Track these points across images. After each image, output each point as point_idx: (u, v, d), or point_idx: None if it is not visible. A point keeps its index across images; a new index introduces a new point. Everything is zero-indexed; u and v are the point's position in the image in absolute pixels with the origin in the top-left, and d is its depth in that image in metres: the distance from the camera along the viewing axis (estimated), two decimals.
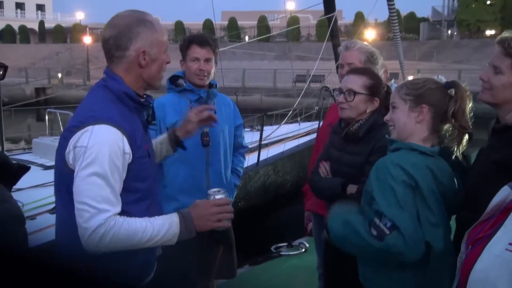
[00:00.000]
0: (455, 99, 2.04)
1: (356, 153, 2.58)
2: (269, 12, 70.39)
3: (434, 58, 36.86)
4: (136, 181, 1.88)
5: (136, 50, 1.88)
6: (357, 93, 2.57)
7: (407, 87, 2.10)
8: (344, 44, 3.17)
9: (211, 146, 3.06)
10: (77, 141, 1.78)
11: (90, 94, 1.94)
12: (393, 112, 2.14)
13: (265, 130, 6.76)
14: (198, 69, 3.02)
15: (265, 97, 29.39)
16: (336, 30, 8.42)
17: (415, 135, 2.08)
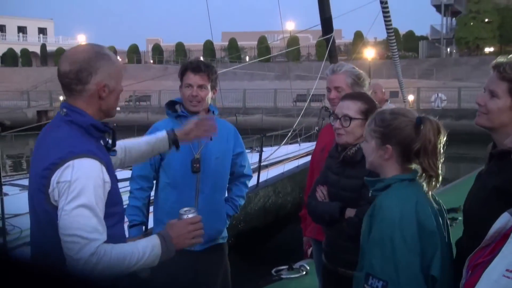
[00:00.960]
0: (419, 138, 1.99)
1: (354, 176, 2.57)
2: (269, 33, 70.86)
3: (433, 76, 37.04)
4: (114, 205, 1.95)
5: (96, 83, 1.94)
6: (353, 119, 2.59)
7: (375, 123, 2.08)
8: (330, 68, 3.19)
9: (202, 173, 3.06)
10: (60, 177, 1.81)
11: (57, 130, 1.96)
12: (365, 144, 2.15)
13: (265, 151, 6.76)
14: (191, 95, 3.04)
15: (266, 117, 29.47)
16: (334, 50, 8.48)
17: (387, 170, 2.07)
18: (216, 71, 3.15)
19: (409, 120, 2.03)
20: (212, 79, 3.08)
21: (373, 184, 2.10)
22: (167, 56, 56.72)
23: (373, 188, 2.10)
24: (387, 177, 2.06)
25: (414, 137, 2.00)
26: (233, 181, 3.39)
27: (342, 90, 3.05)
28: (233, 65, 45.40)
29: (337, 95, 3.06)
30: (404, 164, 2.05)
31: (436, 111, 27.03)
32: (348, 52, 49.71)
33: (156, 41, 73.22)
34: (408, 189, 2.01)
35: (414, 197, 1.98)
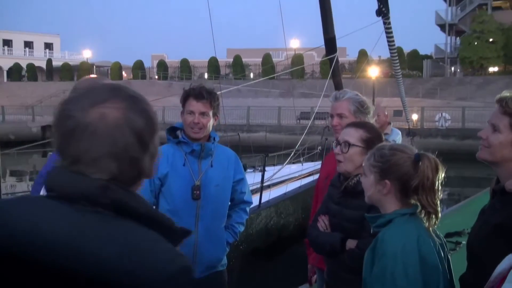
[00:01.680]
0: (417, 175, 1.99)
1: (355, 207, 2.54)
2: (274, 50, 71.22)
3: (437, 95, 37.08)
4: None
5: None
6: (351, 145, 2.57)
7: (375, 158, 2.08)
8: (333, 95, 3.18)
9: (202, 200, 3.03)
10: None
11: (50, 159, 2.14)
12: (363, 178, 2.15)
13: (268, 171, 6.72)
14: (192, 122, 3.02)
15: (270, 134, 29.49)
16: (338, 70, 8.48)
17: (386, 205, 2.07)
18: (218, 98, 3.14)
19: (408, 157, 2.03)
20: (214, 106, 3.07)
21: (374, 220, 2.09)
22: (172, 72, 57.01)
23: (374, 225, 2.09)
24: (388, 212, 2.05)
25: (412, 174, 2.00)
26: (233, 208, 3.36)
27: (344, 117, 3.04)
28: (238, 82, 45.69)
29: (339, 122, 3.05)
30: (403, 199, 2.05)
31: (440, 131, 27.02)
32: (352, 70, 49.87)
33: (161, 57, 73.68)
34: (410, 224, 2.00)
35: (415, 232, 1.97)
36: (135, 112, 1.16)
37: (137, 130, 1.15)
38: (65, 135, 1.13)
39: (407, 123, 11.05)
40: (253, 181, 6.95)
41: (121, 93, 1.18)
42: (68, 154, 1.14)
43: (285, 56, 67.97)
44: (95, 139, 1.12)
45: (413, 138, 9.81)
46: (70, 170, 1.14)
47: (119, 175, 1.14)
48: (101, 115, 1.12)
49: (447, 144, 25.82)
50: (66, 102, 1.17)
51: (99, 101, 1.14)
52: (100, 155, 1.12)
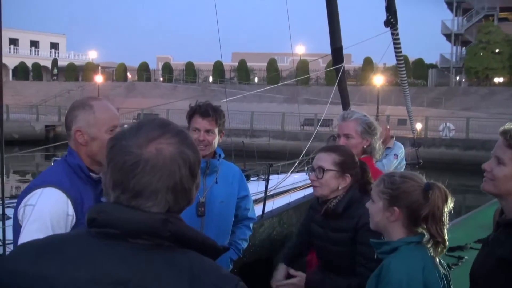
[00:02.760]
0: (428, 204, 2.00)
1: (339, 229, 2.58)
2: (279, 54, 71.30)
3: (442, 104, 37.03)
4: None
5: (74, 130, 2.16)
6: (326, 170, 2.59)
7: (385, 185, 2.08)
8: (341, 115, 3.20)
9: (206, 217, 3.02)
10: (28, 200, 2.03)
11: (52, 165, 2.25)
12: (371, 204, 2.14)
13: (272, 179, 6.67)
14: (197, 140, 2.99)
15: (273, 140, 29.48)
16: (344, 81, 8.46)
17: (393, 232, 2.07)
18: (224, 115, 3.10)
19: (418, 185, 2.05)
20: (219, 124, 3.05)
21: (379, 246, 2.09)
22: (177, 74, 57.11)
23: (379, 251, 2.09)
24: (393, 239, 2.06)
25: (422, 203, 2.01)
26: (236, 224, 3.36)
27: (351, 137, 3.06)
28: (243, 87, 45.74)
29: (346, 142, 3.06)
30: (410, 227, 2.06)
31: (444, 141, 26.99)
32: (357, 77, 49.91)
33: (166, 59, 73.81)
34: (416, 252, 2.01)
35: (421, 261, 1.98)
36: (186, 146, 1.25)
37: (190, 163, 1.24)
38: (125, 170, 1.19)
39: (412, 133, 11.01)
40: (257, 190, 6.90)
41: (171, 128, 1.26)
42: (129, 189, 1.19)
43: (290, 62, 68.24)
44: (155, 173, 1.19)
45: (418, 149, 9.75)
46: (127, 204, 1.20)
47: (173, 207, 1.23)
48: (158, 150, 1.20)
49: (450, 154, 25.82)
50: (120, 138, 1.24)
51: (154, 137, 1.21)
52: (159, 188, 1.19)
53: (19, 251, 1.29)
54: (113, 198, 1.22)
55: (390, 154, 6.36)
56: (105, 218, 1.20)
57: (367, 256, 2.34)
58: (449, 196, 2.05)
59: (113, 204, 1.22)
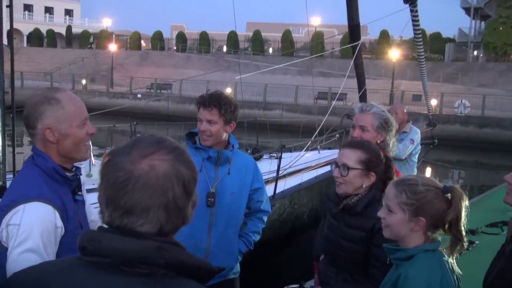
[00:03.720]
0: (452, 209, 1.96)
1: (354, 226, 2.54)
2: (294, 25, 70.51)
3: (458, 80, 36.47)
4: (70, 251, 1.85)
5: (42, 128, 1.94)
6: (351, 168, 2.53)
7: (407, 196, 2.00)
8: (359, 106, 3.15)
9: (216, 207, 3.02)
10: (10, 219, 1.82)
11: (22, 171, 2.03)
12: (389, 215, 2.05)
13: (284, 158, 6.63)
14: (200, 130, 3.01)
15: (286, 113, 29.33)
16: (360, 58, 8.32)
17: (411, 240, 2.02)
18: (231, 105, 3.01)
19: (440, 191, 2.00)
20: (225, 114, 2.99)
21: (394, 252, 2.05)
22: (191, 43, 56.77)
23: (393, 256, 2.05)
24: (409, 246, 2.01)
25: (445, 208, 1.97)
26: (249, 216, 3.33)
27: (366, 130, 3.01)
28: (256, 58, 45.37)
29: (360, 134, 3.02)
30: (430, 233, 2.02)
31: (459, 118, 26.66)
32: (373, 50, 49.27)
33: (180, 27, 73.37)
34: (433, 261, 1.97)
35: (439, 271, 1.94)
36: (181, 163, 1.22)
37: (184, 181, 1.21)
38: (116, 186, 1.16)
39: (428, 112, 10.86)
40: (269, 169, 6.88)
41: (167, 145, 1.23)
42: (120, 206, 1.16)
43: (305, 32, 67.51)
44: (147, 190, 1.16)
45: (433, 129, 9.63)
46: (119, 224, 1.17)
47: (165, 225, 1.19)
48: (151, 167, 1.17)
49: (465, 132, 25.56)
50: (114, 154, 1.21)
51: (148, 153, 1.19)
52: (151, 206, 1.16)
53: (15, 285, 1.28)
54: (107, 217, 1.20)
55: (406, 139, 6.26)
56: (96, 247, 1.17)
57: (383, 260, 2.30)
58: (464, 195, 2.01)
59: (103, 232, 1.19)
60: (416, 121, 19.20)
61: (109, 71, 42.46)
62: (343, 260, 2.63)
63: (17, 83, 33.94)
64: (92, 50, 55.00)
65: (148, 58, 50.92)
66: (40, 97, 1.95)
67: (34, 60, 49.92)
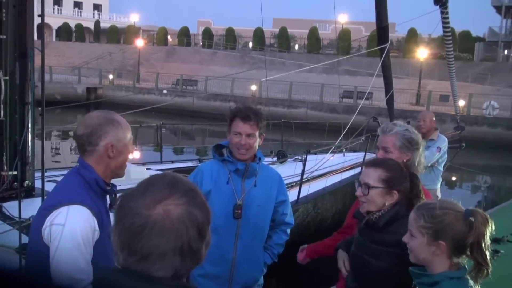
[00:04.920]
0: (472, 232, 1.93)
1: (377, 242, 2.52)
2: (320, 21, 70.09)
3: (487, 80, 35.77)
4: (102, 258, 2.08)
5: (104, 145, 2.18)
6: (372, 187, 2.51)
7: (425, 220, 2.00)
8: (381, 127, 3.10)
9: (243, 219, 3.04)
10: (54, 219, 2.03)
11: (66, 179, 2.25)
12: (411, 240, 2.06)
13: (308, 161, 6.58)
14: (239, 144, 2.99)
15: (311, 111, 29.19)
16: (388, 60, 8.21)
17: (436, 265, 2.01)
18: (264, 118, 3.07)
19: (460, 214, 1.98)
20: (260, 127, 3.03)
21: (419, 276, 2.04)
22: (217, 39, 56.87)
23: (418, 281, 2.04)
24: (435, 272, 1.99)
25: (466, 232, 1.94)
26: (273, 228, 3.34)
27: (389, 151, 2.96)
28: (282, 55, 45.24)
29: (384, 155, 2.98)
30: (455, 258, 2.00)
31: (487, 119, 26.18)
32: (400, 48, 48.66)
33: (207, 23, 73.53)
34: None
35: None
36: (195, 207, 1.23)
37: (198, 224, 1.22)
38: (132, 232, 1.18)
39: (456, 115, 10.69)
40: (294, 172, 6.84)
41: (180, 187, 1.25)
42: (136, 251, 1.18)
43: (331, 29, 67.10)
44: (163, 236, 1.17)
45: (461, 132, 9.47)
46: (134, 269, 1.18)
47: (180, 269, 1.21)
48: (165, 212, 1.19)
49: (493, 134, 25.10)
50: (128, 199, 1.23)
51: (162, 198, 1.20)
52: (167, 251, 1.18)
53: None
54: (122, 260, 1.22)
55: (433, 146, 6.18)
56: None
57: None
58: (489, 219, 1.98)
59: (117, 274, 1.21)
60: (442, 122, 18.99)
61: (136, 67, 42.82)
62: (365, 276, 2.60)
63: (46, 77, 34.53)
64: (120, 45, 55.52)
65: (175, 54, 51.19)
66: (103, 118, 2.22)
67: (62, 54, 50.62)
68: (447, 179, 15.91)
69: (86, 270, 2.01)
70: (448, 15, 7.81)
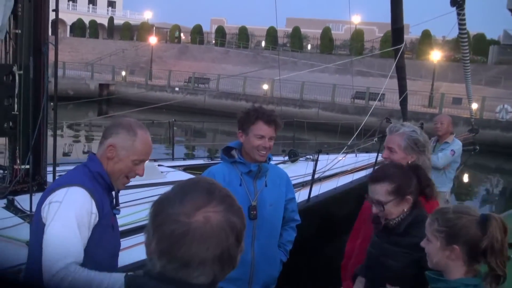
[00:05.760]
0: (486, 236, 1.91)
1: (395, 243, 2.51)
2: (334, 22, 69.95)
3: (501, 84, 35.45)
4: (96, 246, 2.13)
5: (108, 143, 2.22)
6: (385, 203, 2.48)
7: (439, 224, 2.00)
8: (389, 127, 3.10)
9: (258, 219, 3.07)
10: (53, 198, 2.10)
11: (74, 169, 2.30)
12: (427, 244, 2.06)
13: (320, 160, 6.53)
14: (262, 146, 3.01)
15: (322, 111, 29.10)
16: (403, 61, 8.15)
17: (453, 270, 1.99)
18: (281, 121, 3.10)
19: (474, 219, 1.96)
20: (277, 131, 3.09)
21: (435, 281, 2.03)
22: (230, 38, 56.90)
23: (434, 286, 2.04)
24: (452, 278, 1.98)
25: (480, 236, 1.92)
26: (283, 226, 3.38)
27: (394, 151, 2.98)
28: (295, 54, 45.15)
29: (388, 155, 3.01)
30: (471, 264, 1.98)
31: (500, 123, 25.94)
32: (413, 50, 48.38)
33: (220, 21, 73.66)
34: None
35: None
36: (232, 213, 1.23)
37: (237, 231, 1.23)
38: (173, 239, 1.17)
39: (470, 117, 10.61)
40: (305, 172, 6.79)
41: (217, 194, 1.25)
42: (176, 258, 1.17)
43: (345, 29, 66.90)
44: (204, 243, 1.17)
45: (475, 135, 9.39)
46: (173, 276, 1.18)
47: (218, 275, 1.22)
48: (205, 219, 1.18)
49: (506, 138, 24.86)
50: (164, 206, 1.22)
51: (201, 205, 1.20)
52: (207, 258, 1.18)
53: None
54: (159, 267, 1.20)
55: (447, 149, 6.14)
56: None
57: None
58: (507, 225, 1.95)
59: (150, 280, 1.20)
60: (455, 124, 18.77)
61: (148, 64, 42.96)
62: (380, 277, 2.57)
63: (59, 73, 34.72)
64: (133, 42, 55.74)
65: (187, 51, 51.28)
66: (126, 122, 2.28)
67: (76, 50, 50.91)
68: (460, 182, 15.79)
69: (76, 249, 2.03)
70: (464, 16, 7.74)
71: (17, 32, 4.76)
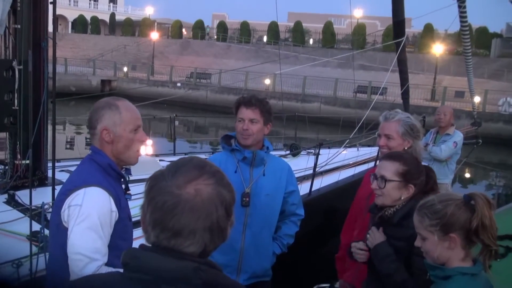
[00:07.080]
0: (475, 215, 1.92)
1: (392, 236, 2.51)
2: (336, 16, 69.84)
3: (504, 77, 35.32)
4: (120, 239, 2.14)
5: (100, 129, 2.19)
6: (388, 180, 2.49)
7: (429, 218, 1.98)
8: (383, 114, 3.12)
9: (250, 207, 3.06)
10: (71, 201, 2.07)
11: (81, 166, 2.26)
12: (424, 243, 2.04)
13: (322, 154, 6.53)
14: (242, 129, 3.05)
15: (324, 105, 29.07)
16: (404, 54, 8.12)
17: (452, 259, 1.98)
18: (270, 107, 3.11)
19: (460, 202, 1.96)
20: (264, 114, 3.07)
21: (433, 269, 2.02)
22: (231, 33, 56.82)
23: (432, 273, 2.02)
24: (450, 266, 1.98)
25: (470, 216, 1.93)
26: (283, 219, 3.34)
27: (392, 138, 3.00)
28: (296, 49, 45.05)
29: (386, 142, 3.02)
30: (467, 248, 1.98)
31: (503, 116, 25.88)
32: (416, 43, 48.26)
33: (222, 16, 73.56)
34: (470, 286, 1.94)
35: None
36: (223, 187, 1.29)
37: (226, 203, 1.28)
38: (165, 210, 1.23)
39: (473, 110, 10.59)
40: (306, 165, 6.79)
41: (208, 169, 1.31)
42: (168, 228, 1.23)
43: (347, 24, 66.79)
44: (194, 213, 1.23)
45: (477, 128, 9.37)
46: (166, 245, 1.24)
47: (209, 246, 1.27)
48: (196, 191, 1.24)
49: (508, 131, 24.80)
50: (158, 180, 1.28)
51: (192, 178, 1.26)
52: (197, 228, 1.23)
53: None
54: (153, 237, 1.26)
55: (449, 141, 6.14)
56: (137, 264, 1.25)
57: (424, 268, 2.25)
58: (491, 200, 1.97)
59: (144, 251, 1.26)
60: (457, 118, 18.74)
61: (150, 59, 42.92)
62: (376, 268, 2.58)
63: (61, 69, 34.74)
64: (134, 38, 55.68)
65: (189, 47, 51.21)
66: (103, 103, 2.25)
67: (78, 46, 50.92)
68: (462, 175, 15.75)
69: (102, 250, 2.03)
70: (465, 9, 7.69)
71: (17, 27, 4.76)
